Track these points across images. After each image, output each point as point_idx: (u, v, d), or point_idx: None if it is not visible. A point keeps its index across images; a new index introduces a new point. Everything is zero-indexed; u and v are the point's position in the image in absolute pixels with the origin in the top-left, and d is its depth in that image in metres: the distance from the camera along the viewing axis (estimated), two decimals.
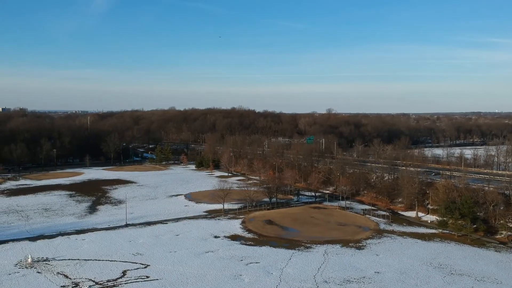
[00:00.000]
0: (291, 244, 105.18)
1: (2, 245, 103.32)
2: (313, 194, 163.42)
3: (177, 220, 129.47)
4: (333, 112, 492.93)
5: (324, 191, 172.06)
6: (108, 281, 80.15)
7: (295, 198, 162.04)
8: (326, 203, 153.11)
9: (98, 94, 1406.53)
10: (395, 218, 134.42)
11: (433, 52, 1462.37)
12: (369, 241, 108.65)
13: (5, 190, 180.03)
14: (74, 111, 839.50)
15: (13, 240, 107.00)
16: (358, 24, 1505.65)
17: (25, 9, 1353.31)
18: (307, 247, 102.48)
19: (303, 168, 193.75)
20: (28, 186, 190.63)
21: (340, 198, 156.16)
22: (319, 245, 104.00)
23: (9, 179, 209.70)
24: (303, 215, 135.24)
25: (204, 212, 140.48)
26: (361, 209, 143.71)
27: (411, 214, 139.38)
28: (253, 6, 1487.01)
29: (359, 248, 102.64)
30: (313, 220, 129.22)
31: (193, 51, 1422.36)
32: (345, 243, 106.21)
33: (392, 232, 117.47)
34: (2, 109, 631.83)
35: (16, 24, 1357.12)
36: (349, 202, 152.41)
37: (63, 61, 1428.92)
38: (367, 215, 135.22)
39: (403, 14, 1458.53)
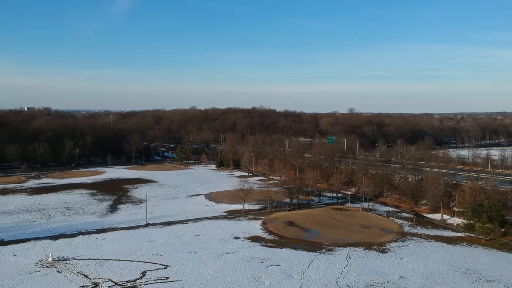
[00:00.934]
0: (313, 246, 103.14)
1: (24, 243, 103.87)
2: (335, 195, 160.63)
3: (197, 220, 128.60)
4: (355, 111, 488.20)
5: (346, 192, 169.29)
6: (128, 281, 79.42)
7: (316, 199, 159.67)
8: (349, 205, 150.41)
9: (120, 93, 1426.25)
10: (420, 220, 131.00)
11: (457, 51, 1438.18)
12: (393, 244, 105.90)
13: (28, 188, 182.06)
14: (97, 111, 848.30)
15: (34, 239, 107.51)
16: (381, 23, 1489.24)
17: (49, 10, 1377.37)
18: (329, 250, 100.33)
19: (324, 168, 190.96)
20: (51, 184, 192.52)
21: (363, 199, 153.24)
22: (341, 248, 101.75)
23: (32, 177, 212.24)
24: (324, 216, 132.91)
25: (224, 212, 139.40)
26: (385, 211, 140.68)
27: (436, 216, 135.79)
28: (275, 6, 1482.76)
29: (382, 251, 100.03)
30: (335, 222, 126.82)
31: (214, 51, 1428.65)
32: (368, 246, 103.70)
33: (417, 235, 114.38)
34: (27, 108, 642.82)
35: (41, 25, 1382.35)
36: (372, 204, 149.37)
37: (86, 61, 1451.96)
38: (390, 217, 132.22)
39: (427, 13, 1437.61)
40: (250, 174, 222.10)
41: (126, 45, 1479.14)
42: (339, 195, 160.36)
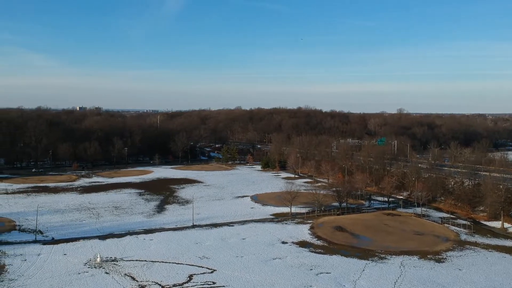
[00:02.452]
0: (364, 253, 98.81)
1: (74, 242, 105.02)
2: (385, 199, 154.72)
3: (243, 222, 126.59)
4: (404, 112, 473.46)
5: (397, 197, 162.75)
6: (174, 285, 78.12)
7: (366, 203, 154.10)
8: (400, 210, 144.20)
9: (167, 93, 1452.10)
10: (478, 228, 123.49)
11: (510, 48, 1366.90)
12: (449, 253, 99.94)
13: (78, 187, 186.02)
14: (145, 110, 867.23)
15: (83, 238, 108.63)
16: (431, 21, 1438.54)
17: (100, 13, 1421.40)
18: (382, 258, 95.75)
19: (374, 171, 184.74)
20: (100, 183, 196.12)
21: (416, 204, 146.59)
22: (394, 256, 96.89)
23: (82, 176, 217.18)
24: (375, 222, 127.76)
25: (270, 215, 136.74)
26: (439, 217, 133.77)
27: (496, 224, 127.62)
28: (321, 5, 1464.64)
29: (438, 261, 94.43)
30: (387, 228, 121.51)
31: (260, 51, 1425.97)
32: (423, 254, 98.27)
33: (475, 244, 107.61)
34: (79, 108, 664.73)
35: (93, 28, 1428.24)
36: (425, 209, 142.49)
37: (135, 62, 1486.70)
38: (445, 224, 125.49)
39: (478, 10, 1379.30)
40: (296, 176, 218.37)
41: (173, 46, 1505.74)
42: (390, 199, 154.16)
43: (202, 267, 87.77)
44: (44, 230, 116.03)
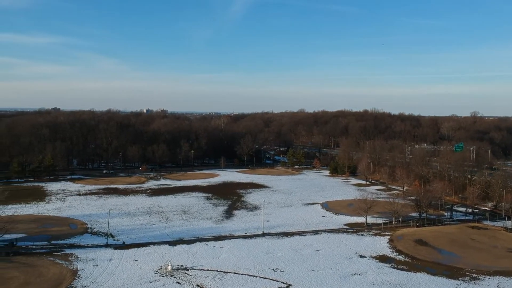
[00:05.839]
0: (452, 272, 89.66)
1: (144, 248, 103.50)
2: (468, 210, 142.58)
3: (315, 232, 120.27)
4: (479, 115, 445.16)
5: (481, 208, 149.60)
6: None
7: (447, 214, 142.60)
8: (487, 223, 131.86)
9: (230, 96, 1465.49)
10: None
11: None
12: None
13: (147, 189, 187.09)
14: (207, 113, 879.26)
15: (154, 243, 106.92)
16: (504, 19, 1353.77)
17: (166, 18, 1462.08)
18: (473, 278, 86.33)
19: (453, 179, 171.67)
20: (168, 186, 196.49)
21: (505, 217, 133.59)
22: (488, 277, 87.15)
23: (151, 178, 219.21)
24: (460, 235, 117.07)
25: (344, 225, 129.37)
26: None
27: None
28: (388, 5, 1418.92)
29: None
30: (474, 243, 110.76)
31: (324, 53, 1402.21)
32: None
33: None
34: (146, 110, 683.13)
35: (159, 34, 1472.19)
36: None
37: (199, 66, 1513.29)
38: None
39: None
40: (368, 183, 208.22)
41: (236, 48, 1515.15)
42: (474, 210, 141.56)
43: (277, 281, 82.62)
44: (115, 234, 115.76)
